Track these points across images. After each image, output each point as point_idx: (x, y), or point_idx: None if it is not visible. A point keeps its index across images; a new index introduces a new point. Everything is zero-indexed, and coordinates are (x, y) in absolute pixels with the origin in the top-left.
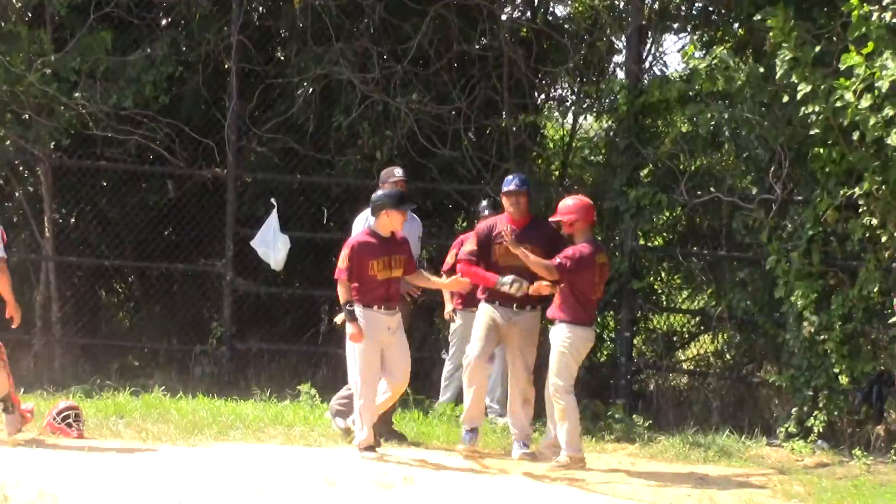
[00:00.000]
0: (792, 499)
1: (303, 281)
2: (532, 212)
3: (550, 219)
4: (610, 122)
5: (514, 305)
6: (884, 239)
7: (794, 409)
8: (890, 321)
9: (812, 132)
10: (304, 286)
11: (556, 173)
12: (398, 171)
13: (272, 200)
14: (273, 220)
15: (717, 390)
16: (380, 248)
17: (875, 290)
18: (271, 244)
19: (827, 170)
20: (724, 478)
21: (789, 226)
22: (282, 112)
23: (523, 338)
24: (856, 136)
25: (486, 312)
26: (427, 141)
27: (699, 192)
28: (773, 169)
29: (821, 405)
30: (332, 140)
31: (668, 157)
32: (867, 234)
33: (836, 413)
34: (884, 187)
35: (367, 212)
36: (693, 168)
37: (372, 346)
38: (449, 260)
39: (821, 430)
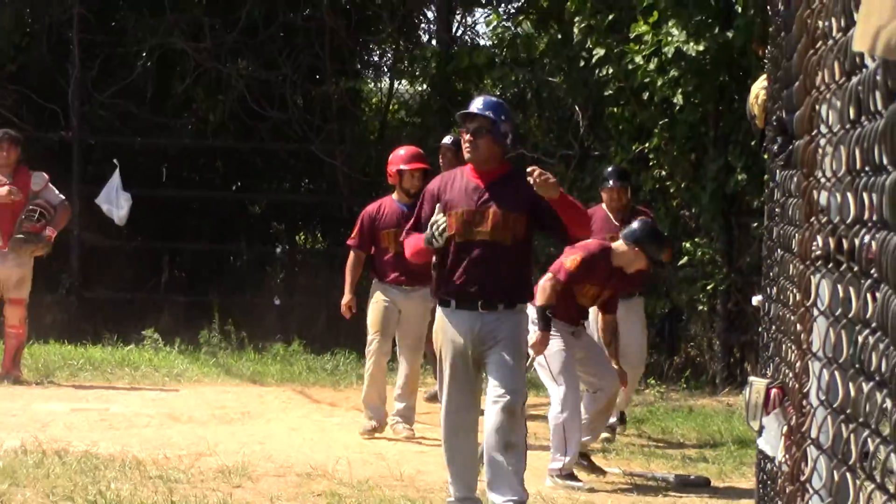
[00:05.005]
0: None
1: (145, 234)
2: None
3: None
4: (424, 86)
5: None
6: (672, 189)
7: None
8: (678, 263)
9: (607, 93)
10: (146, 239)
11: (376, 133)
12: (446, 139)
13: (115, 161)
14: (116, 179)
15: None
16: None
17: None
18: (114, 201)
19: (620, 127)
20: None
21: (587, 178)
22: (122, 79)
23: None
24: (645, 96)
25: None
26: (257, 105)
27: None
28: (571, 127)
29: None
30: (168, 104)
31: None
32: (657, 185)
33: None
34: (671, 142)
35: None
36: None
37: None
38: None
39: None
